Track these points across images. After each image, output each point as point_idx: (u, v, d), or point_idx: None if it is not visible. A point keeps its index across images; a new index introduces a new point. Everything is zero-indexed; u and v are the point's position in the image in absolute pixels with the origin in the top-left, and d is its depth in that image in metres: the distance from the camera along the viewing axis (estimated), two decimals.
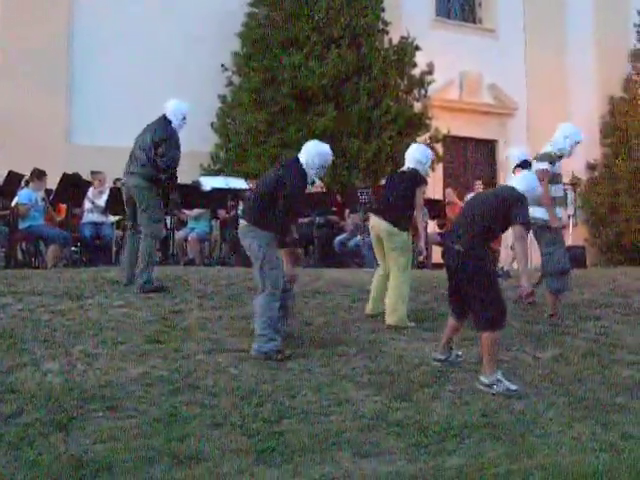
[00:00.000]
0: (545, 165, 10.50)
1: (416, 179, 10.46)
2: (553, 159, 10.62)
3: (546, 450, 6.76)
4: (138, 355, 8.32)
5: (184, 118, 10.83)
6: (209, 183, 14.91)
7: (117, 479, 5.75)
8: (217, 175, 16.80)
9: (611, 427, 7.38)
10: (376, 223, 10.27)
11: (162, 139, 10.48)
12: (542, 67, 24.92)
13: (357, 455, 6.43)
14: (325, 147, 9.16)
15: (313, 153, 8.99)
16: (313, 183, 10.36)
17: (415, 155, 10.66)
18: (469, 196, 17.13)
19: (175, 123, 10.70)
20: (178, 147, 10.60)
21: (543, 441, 6.95)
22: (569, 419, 7.48)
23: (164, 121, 10.68)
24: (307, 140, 12.42)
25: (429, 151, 11.09)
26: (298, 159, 8.95)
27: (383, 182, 16.49)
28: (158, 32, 19.53)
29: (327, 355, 8.55)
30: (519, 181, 8.40)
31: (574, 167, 24.76)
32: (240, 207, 15.31)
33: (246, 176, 16.89)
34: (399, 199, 10.27)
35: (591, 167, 25.40)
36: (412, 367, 8.40)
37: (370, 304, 10.26)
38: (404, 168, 10.72)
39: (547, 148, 10.80)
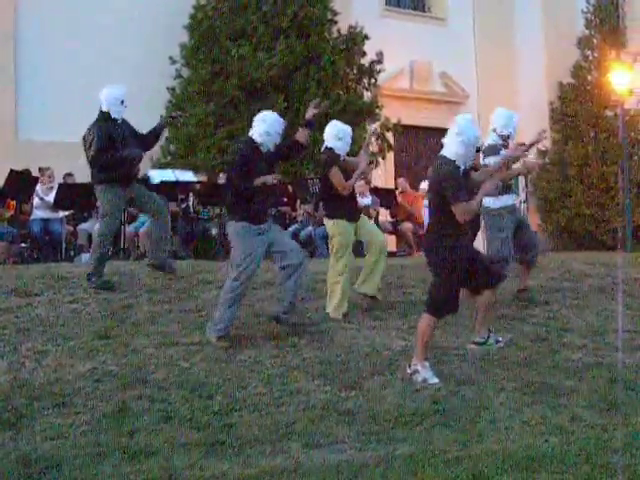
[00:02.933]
0: (494, 159, 10.02)
1: (325, 162, 10.23)
2: (499, 149, 10.45)
3: (496, 435, 6.80)
4: (87, 351, 8.30)
5: (122, 102, 10.74)
6: (158, 176, 14.81)
7: (66, 476, 5.71)
8: (166, 168, 16.67)
9: (560, 411, 7.44)
10: None
11: (90, 141, 10.47)
12: (492, 55, 25.02)
13: (308, 445, 6.43)
14: (268, 113, 9.57)
15: (257, 121, 9.43)
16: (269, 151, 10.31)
17: (330, 131, 10.46)
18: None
19: (114, 111, 10.61)
20: (100, 138, 10.39)
21: (493, 426, 7.00)
22: (519, 404, 7.53)
23: (96, 118, 10.65)
24: None
25: (345, 126, 10.79)
26: (248, 137, 9.29)
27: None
28: (105, 25, 19.31)
29: (278, 346, 8.57)
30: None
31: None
32: (190, 200, 15.27)
33: (195, 169, 16.80)
34: (320, 187, 10.03)
35: (541, 153, 25.50)
36: (362, 356, 8.42)
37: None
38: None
39: (490, 139, 10.64)
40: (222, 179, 15.95)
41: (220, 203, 14.30)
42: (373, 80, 20.45)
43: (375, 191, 17.37)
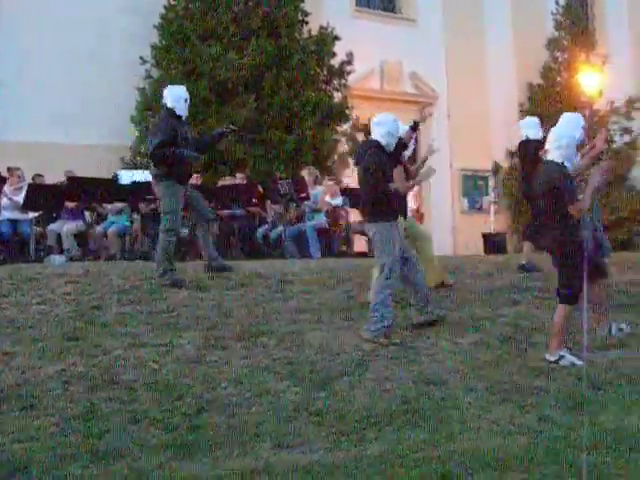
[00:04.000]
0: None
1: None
2: None
3: (465, 435, 6.84)
4: (56, 352, 8.24)
5: (186, 100, 11.11)
6: (128, 177, 14.77)
7: (35, 478, 5.68)
8: (137, 169, 16.63)
9: (529, 410, 7.49)
10: None
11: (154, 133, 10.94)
12: (462, 55, 25.10)
13: (277, 446, 6.44)
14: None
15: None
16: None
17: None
18: None
19: (179, 108, 10.91)
20: (161, 131, 10.69)
21: (462, 426, 7.02)
22: (488, 403, 7.56)
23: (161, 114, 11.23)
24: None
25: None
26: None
27: (309, 172, 16.56)
28: (75, 25, 19.23)
29: (247, 347, 8.55)
30: None
31: (495, 155, 25.08)
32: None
33: None
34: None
35: (512, 154, 25.62)
36: (332, 356, 8.42)
37: None
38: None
39: None
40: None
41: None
42: (343, 81, 20.51)
43: (345, 191, 17.38)
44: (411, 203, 16.45)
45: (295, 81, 18.95)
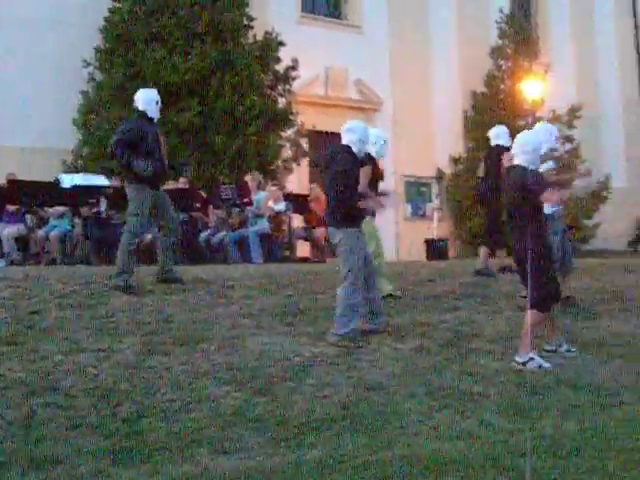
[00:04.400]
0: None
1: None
2: None
3: (405, 440, 6.85)
4: None
5: (157, 102, 11.09)
6: (69, 180, 14.66)
7: None
8: (79, 172, 16.50)
9: (469, 415, 7.52)
10: None
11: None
12: (406, 63, 25.25)
13: (216, 452, 6.40)
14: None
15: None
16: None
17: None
18: None
19: (150, 110, 10.94)
20: (120, 132, 10.75)
21: (402, 432, 7.04)
22: (428, 409, 7.59)
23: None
24: (171, 136, 12.38)
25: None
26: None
27: (252, 177, 16.56)
28: (17, 27, 19.08)
29: (188, 352, 8.49)
30: None
31: (439, 161, 25.24)
32: (102, 204, 15.10)
33: (110, 173, 16.65)
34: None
35: (455, 161, 25.82)
36: (273, 362, 8.40)
37: None
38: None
39: None
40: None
41: None
42: (288, 86, 20.53)
43: (289, 197, 17.42)
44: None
45: (239, 86, 18.91)
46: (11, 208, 14.90)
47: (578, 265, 12.06)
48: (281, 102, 20.39)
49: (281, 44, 20.27)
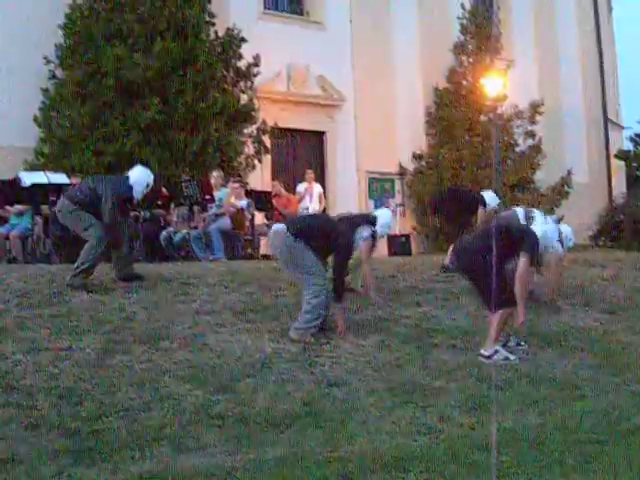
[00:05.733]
0: None
1: None
2: None
3: (366, 436, 6.90)
4: None
5: (147, 185, 11.26)
6: (29, 179, 14.54)
7: None
8: (40, 170, 16.35)
9: (430, 410, 7.59)
10: None
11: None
12: (368, 59, 25.21)
13: (178, 450, 6.42)
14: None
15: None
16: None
17: None
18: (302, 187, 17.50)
19: (135, 190, 11.07)
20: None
21: (363, 427, 7.09)
22: (389, 404, 7.65)
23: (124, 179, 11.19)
24: (132, 132, 12.33)
25: None
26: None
27: (214, 174, 16.51)
28: None
29: (149, 350, 8.47)
30: None
31: (400, 157, 25.27)
32: None
33: (71, 171, 16.54)
34: None
35: (417, 157, 25.85)
36: (234, 359, 8.41)
37: None
38: None
39: None
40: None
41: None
42: (250, 83, 20.46)
43: (251, 194, 17.39)
44: (316, 205, 16.63)
45: (201, 83, 18.83)
46: None
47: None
48: (243, 99, 20.29)
49: (243, 40, 20.17)
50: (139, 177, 11.09)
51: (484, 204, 13.66)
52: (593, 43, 32.47)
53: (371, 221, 11.22)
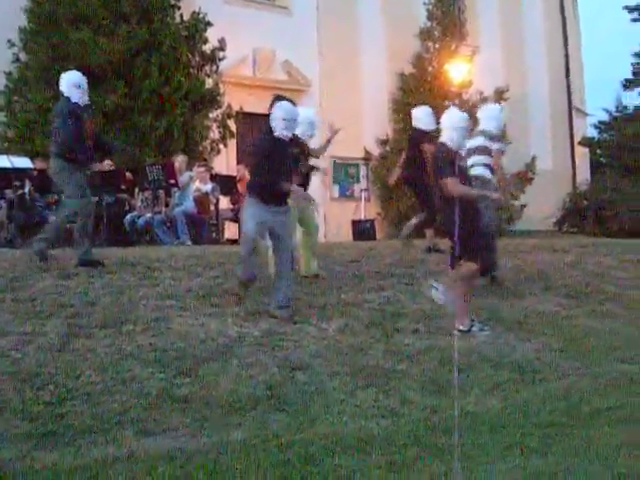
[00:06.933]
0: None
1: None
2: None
3: (329, 419, 6.95)
4: None
5: (79, 86, 10.95)
6: None
7: None
8: (3, 155, 16.25)
9: (392, 394, 7.64)
10: None
11: (54, 115, 10.95)
12: (334, 44, 25.21)
13: (141, 433, 6.43)
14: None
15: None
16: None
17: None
18: None
19: (74, 97, 10.80)
20: (66, 122, 10.61)
21: (326, 410, 7.13)
22: (352, 388, 7.69)
23: (61, 97, 10.95)
24: (96, 116, 12.27)
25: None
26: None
27: (178, 158, 16.48)
28: None
29: (112, 334, 8.44)
30: None
31: (366, 142, 25.33)
32: (26, 187, 14.89)
33: (34, 155, 16.44)
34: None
35: (382, 142, 25.90)
36: (198, 343, 8.40)
37: None
38: None
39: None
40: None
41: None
42: (215, 67, 20.41)
43: (216, 178, 17.39)
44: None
45: (166, 67, 18.76)
46: None
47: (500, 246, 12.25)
48: (208, 83, 20.24)
49: (208, 24, 20.10)
50: (66, 80, 11.08)
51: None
52: (558, 29, 32.68)
53: None
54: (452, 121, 9.70)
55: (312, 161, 11.38)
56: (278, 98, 10.50)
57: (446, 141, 9.53)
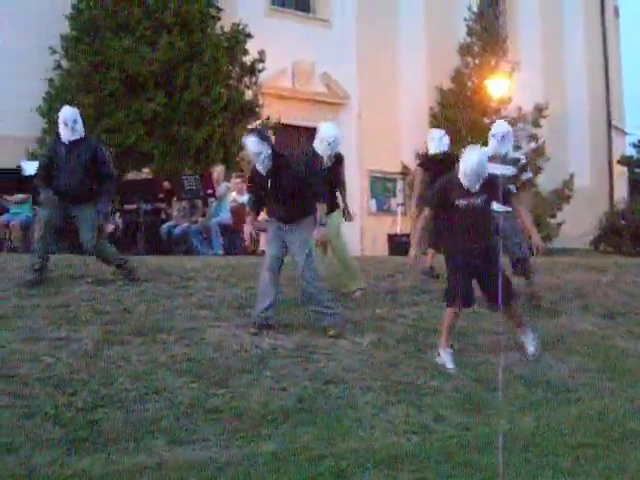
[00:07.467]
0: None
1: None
2: None
3: (360, 433, 6.90)
4: None
5: (65, 124, 11.08)
6: (30, 168, 14.53)
7: None
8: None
9: (424, 410, 7.60)
10: None
11: None
12: (374, 57, 25.21)
13: (172, 442, 6.43)
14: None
15: None
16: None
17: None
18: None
19: (61, 132, 11.12)
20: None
21: (358, 425, 7.10)
22: (384, 403, 7.65)
23: None
24: (135, 125, 12.22)
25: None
26: None
27: (217, 168, 16.53)
28: None
29: (146, 343, 8.47)
30: None
31: (404, 157, 25.27)
32: None
33: None
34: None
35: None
36: (231, 354, 8.40)
37: None
38: None
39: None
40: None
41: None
42: (255, 78, 20.45)
43: None
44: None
45: (206, 77, 18.85)
46: None
47: (537, 266, 12.13)
48: (248, 94, 20.31)
49: (249, 36, 20.19)
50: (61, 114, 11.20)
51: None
52: (599, 47, 32.50)
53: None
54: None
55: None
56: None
57: (459, 177, 9.09)
